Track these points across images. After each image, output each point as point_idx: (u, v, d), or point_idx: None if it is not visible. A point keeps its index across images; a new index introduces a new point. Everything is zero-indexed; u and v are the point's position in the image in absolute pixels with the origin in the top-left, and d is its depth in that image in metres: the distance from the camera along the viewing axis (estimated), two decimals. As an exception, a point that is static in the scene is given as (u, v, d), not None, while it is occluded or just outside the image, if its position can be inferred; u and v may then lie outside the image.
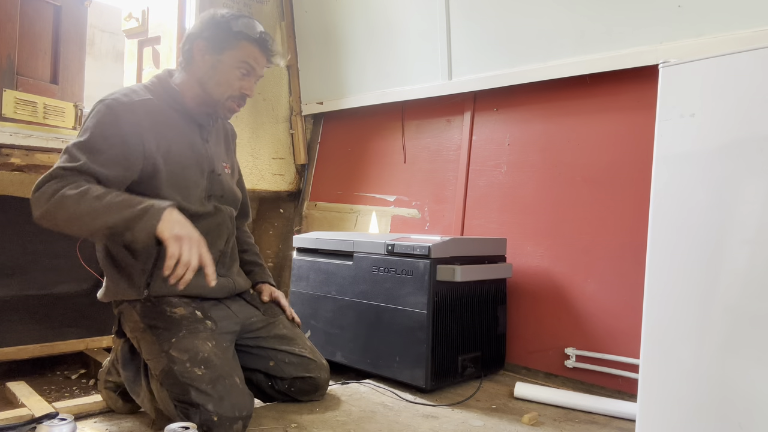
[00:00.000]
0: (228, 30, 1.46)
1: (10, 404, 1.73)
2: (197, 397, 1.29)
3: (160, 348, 1.36)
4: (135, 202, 1.27)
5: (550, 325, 2.00)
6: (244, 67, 1.48)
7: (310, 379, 1.60)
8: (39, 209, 1.27)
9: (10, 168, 2.01)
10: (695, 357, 1.16)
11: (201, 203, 1.50)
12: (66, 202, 1.24)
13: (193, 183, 1.48)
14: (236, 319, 1.56)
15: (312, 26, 2.82)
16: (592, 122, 1.96)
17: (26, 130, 2.00)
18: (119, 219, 1.24)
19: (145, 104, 1.42)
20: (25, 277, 2.21)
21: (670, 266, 1.20)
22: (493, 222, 2.19)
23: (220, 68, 1.47)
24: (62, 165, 1.31)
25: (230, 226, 1.60)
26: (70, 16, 2.32)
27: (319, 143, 2.98)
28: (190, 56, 1.50)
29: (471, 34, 2.20)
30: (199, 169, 1.50)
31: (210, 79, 1.48)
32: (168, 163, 1.43)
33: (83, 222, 1.25)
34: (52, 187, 1.27)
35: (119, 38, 4.14)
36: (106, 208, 1.24)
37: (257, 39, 1.49)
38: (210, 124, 1.57)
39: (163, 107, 1.47)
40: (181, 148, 1.47)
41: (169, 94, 1.49)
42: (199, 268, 1.39)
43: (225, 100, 1.50)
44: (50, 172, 1.30)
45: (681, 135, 1.20)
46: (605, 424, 1.56)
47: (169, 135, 1.44)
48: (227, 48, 1.47)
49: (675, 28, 1.70)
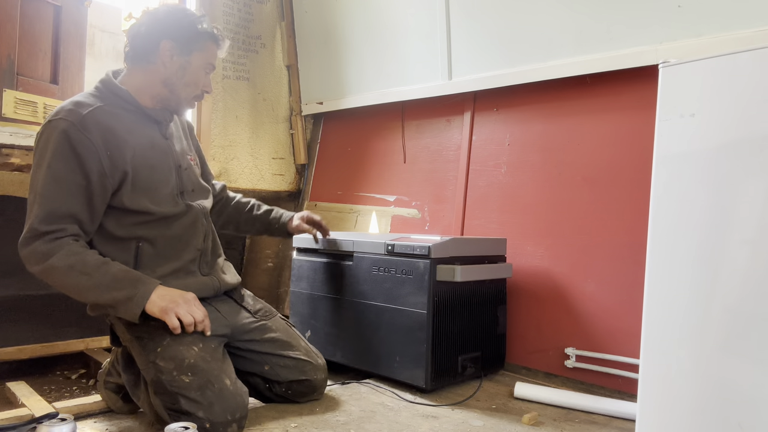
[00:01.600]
0: (194, 30, 1.47)
1: (10, 404, 1.73)
2: (187, 405, 1.29)
3: (147, 358, 1.36)
4: (122, 284, 1.32)
5: (550, 325, 2.00)
6: (209, 67, 1.52)
7: (307, 382, 1.60)
8: (32, 268, 1.33)
9: (10, 168, 2.01)
10: (695, 357, 1.16)
11: (173, 202, 1.48)
12: (54, 274, 1.31)
13: (163, 182, 1.47)
14: (225, 321, 1.53)
15: (312, 26, 2.82)
16: (592, 122, 1.96)
17: (26, 130, 2.00)
18: (106, 300, 1.32)
19: (95, 115, 1.37)
20: (25, 277, 2.20)
21: (670, 266, 1.20)
22: (493, 222, 2.19)
23: (189, 69, 1.47)
24: (38, 226, 1.30)
25: (205, 222, 1.58)
26: (70, 16, 2.32)
27: (319, 143, 2.98)
28: (153, 55, 1.45)
29: (471, 34, 2.21)
30: (166, 167, 1.48)
31: (179, 80, 1.47)
32: (135, 168, 1.41)
33: (73, 293, 1.34)
34: (40, 250, 1.30)
35: (119, 38, 4.14)
36: (93, 286, 1.31)
37: (216, 37, 1.52)
38: (168, 120, 1.54)
39: (116, 111, 1.42)
40: (144, 150, 1.44)
41: (120, 96, 1.44)
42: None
43: (190, 99, 1.52)
44: (31, 228, 1.31)
45: (681, 135, 1.20)
46: (605, 424, 1.56)
47: (128, 139, 1.41)
48: (195, 49, 1.47)
49: (675, 28, 1.70)
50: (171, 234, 1.47)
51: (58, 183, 1.31)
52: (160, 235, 1.45)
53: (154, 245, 1.45)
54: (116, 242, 1.42)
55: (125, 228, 1.42)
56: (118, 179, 1.38)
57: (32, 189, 1.34)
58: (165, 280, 1.41)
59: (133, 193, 1.40)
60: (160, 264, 1.46)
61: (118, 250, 1.42)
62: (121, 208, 1.40)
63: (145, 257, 1.44)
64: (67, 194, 1.32)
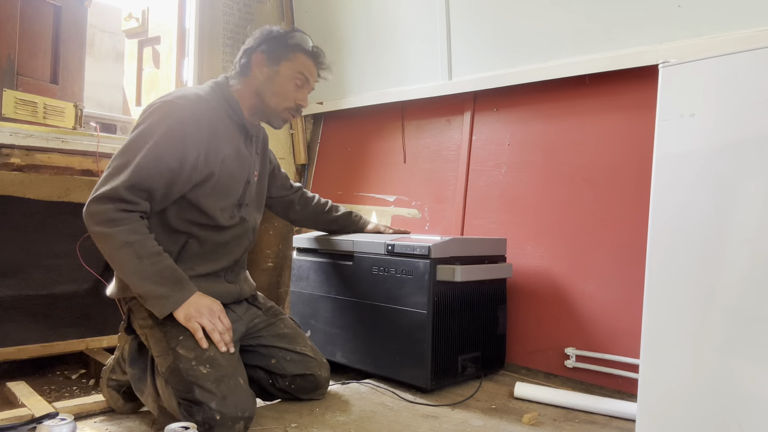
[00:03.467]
0: (284, 43, 1.53)
1: (10, 404, 1.73)
2: (201, 395, 1.30)
3: (168, 345, 1.38)
4: (164, 281, 1.35)
5: (550, 325, 2.00)
6: (299, 78, 1.54)
7: (311, 377, 1.61)
8: (91, 228, 1.35)
9: (10, 168, 2.01)
10: (695, 357, 1.16)
11: (231, 212, 1.53)
12: (110, 243, 1.33)
13: (233, 192, 1.53)
14: (242, 322, 1.58)
15: (312, 26, 2.81)
16: (592, 122, 1.96)
17: (26, 130, 2.00)
18: (142, 289, 1.35)
19: (209, 114, 1.45)
20: (25, 277, 2.21)
21: (669, 266, 1.20)
22: (493, 222, 2.19)
23: (277, 79, 1.53)
24: (122, 192, 1.33)
25: (251, 237, 1.64)
26: (70, 16, 2.32)
27: (319, 143, 2.98)
28: (247, 68, 1.54)
29: (471, 34, 2.21)
30: (241, 179, 1.55)
31: (267, 90, 1.53)
32: (221, 173, 1.47)
33: (116, 267, 1.38)
34: (110, 215, 1.33)
35: (119, 38, 4.15)
36: (138, 271, 1.34)
37: (311, 52, 1.56)
38: (258, 136, 1.64)
39: (223, 115, 1.50)
40: (231, 158, 1.50)
41: (229, 104, 1.52)
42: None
43: (281, 110, 1.56)
44: (114, 189, 1.33)
45: (681, 135, 1.20)
46: (605, 424, 1.56)
47: (225, 146, 1.48)
48: (284, 59, 1.52)
49: (675, 28, 1.70)
50: (220, 240, 1.53)
51: (157, 160, 1.35)
52: (210, 238, 1.51)
53: (201, 245, 1.50)
54: (169, 230, 1.46)
55: (183, 222, 1.47)
56: (204, 177, 1.44)
57: (127, 152, 1.36)
58: (196, 281, 1.45)
59: (210, 194, 1.46)
60: (200, 264, 1.51)
61: (168, 237, 1.46)
62: (194, 202, 1.45)
63: (189, 253, 1.49)
64: (159, 174, 1.36)
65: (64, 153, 2.07)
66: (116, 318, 1.50)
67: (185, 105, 1.41)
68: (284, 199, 1.91)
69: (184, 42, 2.65)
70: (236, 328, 1.53)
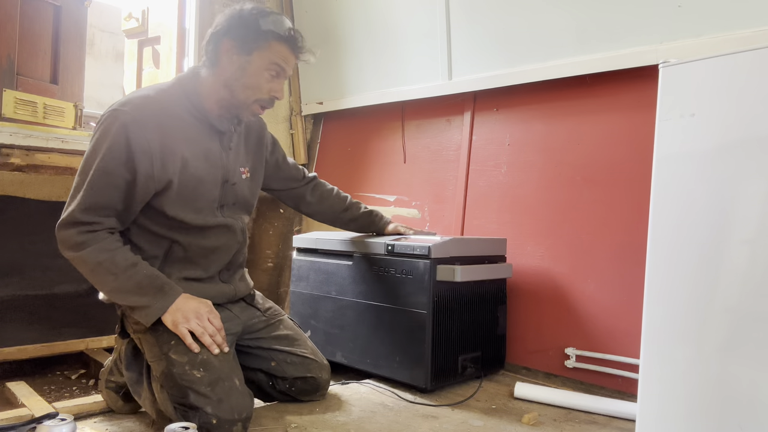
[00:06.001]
0: (257, 28, 1.37)
1: (10, 404, 1.73)
2: (196, 399, 1.29)
3: (160, 350, 1.36)
4: (144, 291, 1.34)
5: (550, 325, 2.00)
6: (274, 68, 1.41)
7: (311, 379, 1.60)
8: (64, 253, 1.35)
9: (10, 168, 2.01)
10: (695, 357, 1.16)
11: (212, 214, 1.47)
12: (83, 266, 1.34)
13: (206, 196, 1.45)
14: (238, 320, 1.55)
15: (312, 26, 2.81)
16: (592, 122, 1.96)
17: (26, 130, 2.00)
18: (125, 302, 1.36)
19: (159, 117, 1.35)
20: (25, 277, 2.21)
21: (669, 266, 1.20)
22: (493, 222, 2.19)
23: (249, 70, 1.39)
24: (78, 215, 1.31)
25: (241, 238, 1.57)
26: (70, 16, 2.32)
27: (319, 143, 2.98)
28: (215, 57, 1.41)
29: (471, 34, 2.20)
30: (213, 180, 1.45)
31: (237, 81, 1.40)
32: (182, 178, 1.39)
33: (98, 287, 1.39)
34: (74, 239, 1.32)
35: (119, 38, 4.14)
36: (116, 288, 1.34)
37: (287, 37, 1.40)
38: (232, 130, 1.51)
39: (182, 115, 1.40)
40: (197, 161, 1.41)
41: (190, 101, 1.42)
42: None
43: (251, 103, 1.43)
44: (71, 215, 1.32)
45: (681, 135, 1.20)
46: (605, 424, 1.56)
47: (185, 148, 1.39)
48: (256, 49, 1.38)
49: (675, 28, 1.70)
50: (205, 244, 1.47)
51: (107, 175, 1.31)
52: (194, 242, 1.45)
53: (186, 250, 1.45)
54: (151, 236, 1.43)
55: (161, 227, 1.43)
56: (162, 185, 1.36)
57: (82, 172, 1.34)
58: (186, 283, 1.43)
59: (174, 202, 1.39)
60: (187, 268, 1.47)
61: (151, 243, 1.43)
62: (159, 210, 1.40)
63: (174, 258, 1.45)
64: (113, 188, 1.32)
65: (64, 153, 2.07)
66: (116, 318, 1.50)
67: (128, 111, 1.32)
68: (292, 192, 1.81)
69: (184, 42, 2.64)
70: (231, 327, 1.49)
